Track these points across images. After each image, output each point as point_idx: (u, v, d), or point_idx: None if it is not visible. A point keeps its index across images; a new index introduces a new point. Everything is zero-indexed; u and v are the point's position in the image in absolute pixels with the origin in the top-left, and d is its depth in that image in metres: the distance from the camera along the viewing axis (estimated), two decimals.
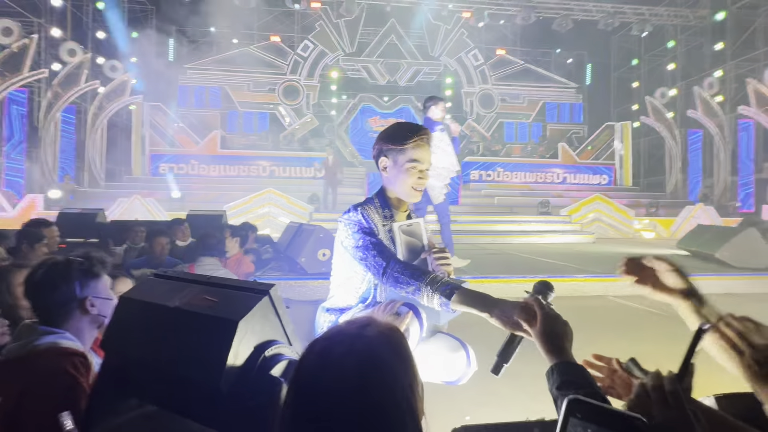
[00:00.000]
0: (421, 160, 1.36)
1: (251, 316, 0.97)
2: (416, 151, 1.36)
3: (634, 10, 15.12)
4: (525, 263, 5.16)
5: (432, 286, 1.13)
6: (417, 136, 1.36)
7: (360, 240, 1.31)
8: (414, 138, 1.35)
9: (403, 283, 1.18)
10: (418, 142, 1.36)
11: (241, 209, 9.37)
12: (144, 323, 1.06)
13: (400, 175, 1.37)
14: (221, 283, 1.10)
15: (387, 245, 1.34)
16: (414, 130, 1.38)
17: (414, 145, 1.35)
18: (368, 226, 1.33)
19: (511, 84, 17.23)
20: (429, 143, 1.39)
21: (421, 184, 1.39)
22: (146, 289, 1.16)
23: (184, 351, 0.96)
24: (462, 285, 1.12)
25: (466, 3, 15.20)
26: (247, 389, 0.93)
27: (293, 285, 3.71)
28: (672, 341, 2.76)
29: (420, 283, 1.15)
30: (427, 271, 1.18)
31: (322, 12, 15.45)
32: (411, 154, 1.35)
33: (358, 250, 1.30)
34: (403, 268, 1.21)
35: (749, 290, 4.31)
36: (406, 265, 1.23)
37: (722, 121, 13.12)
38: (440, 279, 1.14)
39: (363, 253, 1.29)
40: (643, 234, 10.52)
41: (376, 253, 1.26)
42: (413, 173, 1.36)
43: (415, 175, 1.36)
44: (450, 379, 1.25)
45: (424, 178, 1.39)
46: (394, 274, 1.21)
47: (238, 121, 15.99)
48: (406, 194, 1.40)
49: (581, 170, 14.71)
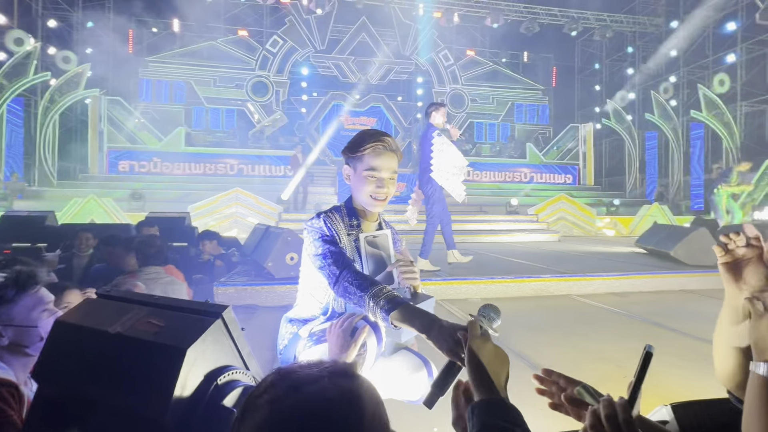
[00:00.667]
0: (378, 168, 1.29)
1: (201, 342, 0.90)
2: (373, 158, 1.29)
3: (596, 16, 15.75)
4: (494, 263, 5.24)
5: (375, 299, 1.07)
6: (372, 143, 1.29)
7: (320, 248, 1.26)
8: (368, 144, 1.28)
9: (351, 293, 1.13)
10: (375, 149, 1.29)
11: (206, 209, 9.04)
12: (82, 351, 0.97)
13: (358, 184, 1.32)
14: (170, 305, 1.02)
15: (351, 255, 1.30)
16: (371, 136, 1.31)
17: (370, 152, 1.29)
18: (329, 234, 1.28)
19: (481, 85, 17.55)
20: (391, 149, 1.32)
21: (382, 194, 1.31)
22: (86, 312, 1.06)
23: (126, 382, 0.88)
24: (407, 301, 1.06)
25: (436, 3, 15.31)
26: (197, 422, 0.86)
27: (260, 291, 3.59)
28: (629, 339, 2.87)
29: (364, 294, 1.09)
30: (376, 284, 1.11)
31: (291, 7, 15.14)
32: (368, 162, 1.29)
33: (317, 258, 1.25)
34: (354, 277, 1.15)
35: (702, 286, 4.56)
36: (358, 275, 1.16)
37: (676, 124, 13.89)
38: (385, 293, 1.07)
39: (321, 261, 1.24)
40: (605, 232, 10.98)
41: (332, 261, 1.21)
42: (371, 181, 1.29)
43: (373, 183, 1.29)
44: (412, 399, 1.22)
45: (384, 186, 1.31)
46: (344, 283, 1.16)
47: (204, 117, 15.45)
48: (366, 203, 1.33)
49: (547, 170, 15.18)
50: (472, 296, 4.05)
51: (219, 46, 15.47)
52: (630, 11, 16.30)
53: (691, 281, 4.51)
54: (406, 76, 17.55)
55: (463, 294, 4.04)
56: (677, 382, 2.14)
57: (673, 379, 2.19)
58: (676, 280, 4.49)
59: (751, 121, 13.26)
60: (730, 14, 13.28)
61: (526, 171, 15.04)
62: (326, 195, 11.32)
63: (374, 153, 1.29)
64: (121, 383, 0.90)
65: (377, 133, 1.32)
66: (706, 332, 2.93)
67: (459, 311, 3.57)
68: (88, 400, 0.95)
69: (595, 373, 2.23)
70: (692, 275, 4.54)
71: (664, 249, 5.26)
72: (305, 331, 1.32)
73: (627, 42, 16.86)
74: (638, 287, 4.39)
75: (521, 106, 18.04)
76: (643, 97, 16.26)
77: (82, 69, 12.02)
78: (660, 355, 2.72)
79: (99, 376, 0.94)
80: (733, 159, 12.15)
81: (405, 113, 17.51)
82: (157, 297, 1.07)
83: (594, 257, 5.97)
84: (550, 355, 2.53)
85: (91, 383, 0.94)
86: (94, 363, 0.95)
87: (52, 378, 1.01)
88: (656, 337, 2.94)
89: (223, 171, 12.96)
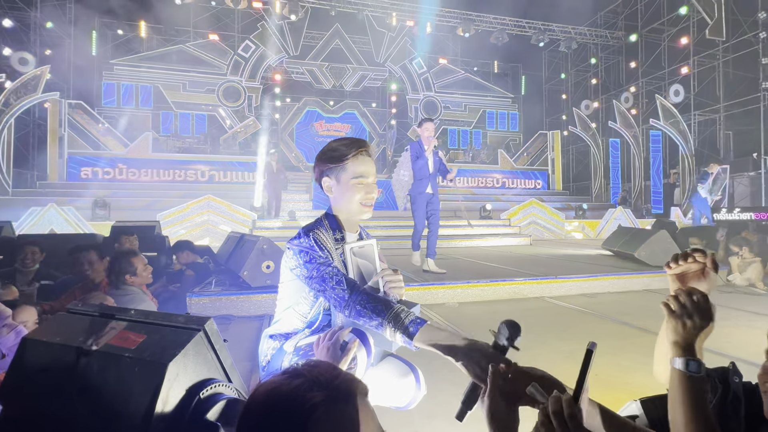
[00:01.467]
0: (365, 174, 1.30)
1: (183, 356, 0.88)
2: (359, 165, 1.29)
3: (561, 28, 16.45)
4: (469, 268, 5.34)
5: (395, 323, 1.06)
6: (356, 150, 1.29)
7: (314, 271, 1.21)
8: (353, 152, 1.29)
9: (366, 317, 1.12)
10: (359, 156, 1.29)
11: (177, 217, 8.75)
12: (53, 369, 0.92)
13: (346, 193, 1.30)
14: (149, 319, 0.99)
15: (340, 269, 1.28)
16: (353, 144, 1.30)
17: (354, 159, 1.29)
18: (322, 254, 1.24)
19: (453, 92, 17.92)
20: (371, 155, 1.33)
21: (370, 199, 1.32)
22: (57, 328, 1.01)
23: (103, 401, 0.85)
24: (426, 322, 1.05)
25: (409, 12, 15.56)
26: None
27: (235, 300, 3.51)
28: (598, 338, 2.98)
29: (383, 319, 1.08)
30: (390, 305, 1.11)
31: (264, 12, 15.00)
32: (354, 170, 1.28)
33: (313, 281, 1.21)
34: (366, 300, 1.14)
35: (663, 286, 4.81)
36: (369, 297, 1.15)
37: (637, 131, 14.64)
38: (404, 316, 1.07)
39: (320, 285, 1.20)
40: (574, 235, 11.39)
41: (335, 284, 1.18)
42: (359, 188, 1.29)
43: (362, 189, 1.29)
44: (400, 405, 1.22)
45: (372, 192, 1.32)
46: (356, 307, 1.14)
47: (173, 122, 14.99)
48: (356, 211, 1.32)
49: (518, 175, 15.64)
50: (449, 300, 4.11)
51: (189, 50, 15.11)
52: (592, 24, 17.12)
53: (654, 281, 4.75)
54: (380, 83, 17.70)
55: (440, 299, 4.10)
56: (644, 377, 2.25)
57: (640, 375, 2.30)
58: (641, 280, 4.72)
59: (704, 129, 14.15)
60: (683, 29, 14.18)
61: (498, 176, 15.44)
62: (301, 202, 11.20)
63: (359, 160, 1.29)
64: (98, 402, 0.86)
65: (357, 141, 1.32)
66: None
67: (436, 316, 3.61)
68: (60, 421, 0.90)
69: (567, 372, 2.29)
70: (655, 275, 4.78)
71: (628, 251, 5.52)
72: (290, 345, 1.28)
73: (590, 53, 17.68)
74: (606, 288, 4.58)
75: (492, 114, 18.53)
76: (606, 106, 17.06)
77: (40, 71, 11.44)
78: (628, 352, 2.84)
79: (73, 396, 0.90)
80: (689, 165, 12.91)
81: (379, 120, 17.62)
82: (134, 310, 1.04)
83: (564, 260, 6.18)
84: (523, 356, 2.59)
85: (63, 403, 0.90)
86: (67, 382, 0.91)
87: (19, 399, 0.95)
88: (624, 336, 3.08)
89: (194, 178, 12.61)
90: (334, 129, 17.07)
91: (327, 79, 16.56)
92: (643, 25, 15.35)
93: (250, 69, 15.39)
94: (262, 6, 14.50)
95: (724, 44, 12.89)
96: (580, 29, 16.73)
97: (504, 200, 13.56)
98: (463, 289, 4.17)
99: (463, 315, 3.67)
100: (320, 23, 15.79)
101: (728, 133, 13.53)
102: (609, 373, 2.28)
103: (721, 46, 13.01)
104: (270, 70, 15.95)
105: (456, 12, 15.66)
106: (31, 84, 11.48)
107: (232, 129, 14.94)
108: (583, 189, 17.23)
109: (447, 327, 1.02)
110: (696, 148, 13.31)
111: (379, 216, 9.77)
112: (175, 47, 15.12)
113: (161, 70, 14.88)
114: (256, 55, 15.38)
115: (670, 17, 14.56)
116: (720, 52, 13.15)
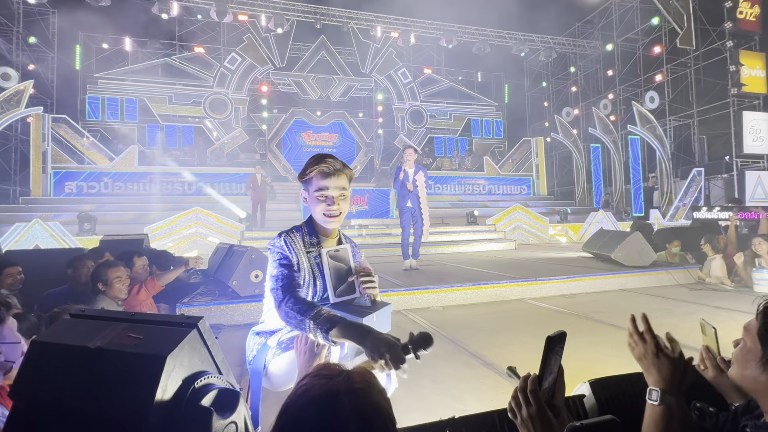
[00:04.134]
0: (326, 187, 1.39)
1: (179, 350, 1.00)
2: (320, 179, 1.39)
3: (540, 38, 16.97)
4: (454, 272, 5.49)
5: (315, 321, 1.18)
6: (316, 165, 1.40)
7: (275, 269, 1.37)
8: (313, 167, 1.40)
9: (292, 317, 1.24)
10: (320, 171, 1.39)
11: (165, 230, 8.75)
12: (61, 368, 1.03)
13: (312, 205, 1.44)
14: (147, 319, 1.11)
15: (310, 272, 1.42)
16: (316, 160, 1.41)
17: (316, 174, 1.40)
18: (287, 254, 1.39)
19: (439, 101, 18.27)
20: (336, 169, 1.40)
21: (333, 211, 1.41)
22: (62, 331, 1.12)
23: (107, 392, 0.96)
24: (343, 319, 1.18)
25: (393, 24, 15.89)
26: (177, 421, 0.96)
27: (225, 310, 3.59)
28: (574, 335, 3.15)
29: (305, 317, 1.20)
30: (313, 307, 1.23)
31: (250, 25, 15.18)
32: (316, 183, 1.40)
33: (271, 279, 1.37)
34: (295, 303, 1.25)
35: (639, 285, 5.03)
36: (299, 301, 1.26)
37: (616, 137, 15.11)
38: (323, 314, 1.19)
39: (273, 283, 1.35)
40: (558, 239, 11.66)
41: (281, 285, 1.32)
42: (321, 201, 1.39)
43: (324, 202, 1.39)
44: None
45: (335, 204, 1.40)
46: (285, 308, 1.26)
47: (159, 135, 14.97)
48: (321, 221, 1.45)
49: (504, 181, 15.96)
50: (433, 304, 4.24)
51: (174, 63, 15.17)
52: (570, 35, 17.71)
53: (628, 281, 4.96)
54: (366, 93, 17.95)
55: (424, 303, 4.23)
56: (612, 369, 2.41)
57: (609, 366, 2.46)
58: (616, 280, 4.92)
59: (679, 134, 14.68)
60: (656, 39, 14.77)
61: (484, 183, 15.74)
62: (289, 212, 11.28)
63: (320, 174, 1.40)
64: (103, 393, 0.97)
65: (321, 156, 1.43)
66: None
67: (421, 320, 3.74)
68: (68, 413, 1.01)
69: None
70: (629, 275, 5.00)
71: (606, 252, 5.74)
72: (273, 340, 1.42)
73: (569, 62, 18.23)
74: (584, 288, 4.77)
75: (477, 121, 18.91)
76: (586, 113, 17.56)
77: (23, 86, 11.37)
78: (599, 345, 3.01)
79: (80, 390, 1.00)
80: (666, 168, 13.36)
81: (366, 129, 17.84)
82: (132, 313, 1.15)
83: (546, 263, 6.38)
84: (501, 354, 2.75)
85: (71, 397, 1.01)
86: (75, 377, 1.01)
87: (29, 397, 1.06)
88: (597, 332, 3.25)
89: (181, 190, 12.59)
90: (322, 139, 17.23)
91: (314, 90, 16.75)
92: (618, 35, 15.94)
93: (237, 81, 15.50)
94: (247, 19, 14.67)
95: (694, 53, 13.46)
96: (558, 39, 17.28)
97: (491, 206, 13.83)
98: (447, 293, 4.31)
99: (447, 318, 3.80)
100: (306, 35, 16.03)
101: (702, 137, 14.06)
102: (579, 365, 2.43)
103: (692, 55, 13.58)
104: (256, 82, 16.08)
105: (438, 23, 16.05)
106: (14, 99, 11.39)
107: (219, 141, 14.99)
108: (567, 193, 17.63)
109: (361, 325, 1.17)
110: (672, 152, 13.79)
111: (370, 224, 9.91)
112: (161, 60, 15.17)
113: (147, 83, 14.89)
114: (243, 67, 15.51)
115: (643, 27, 15.16)
116: (691, 60, 13.73)
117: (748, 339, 0.92)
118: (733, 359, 0.96)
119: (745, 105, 12.32)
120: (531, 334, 3.19)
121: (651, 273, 5.09)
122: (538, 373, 0.88)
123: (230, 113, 15.38)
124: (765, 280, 4.42)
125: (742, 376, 0.93)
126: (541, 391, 0.85)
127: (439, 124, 18.31)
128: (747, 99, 12.32)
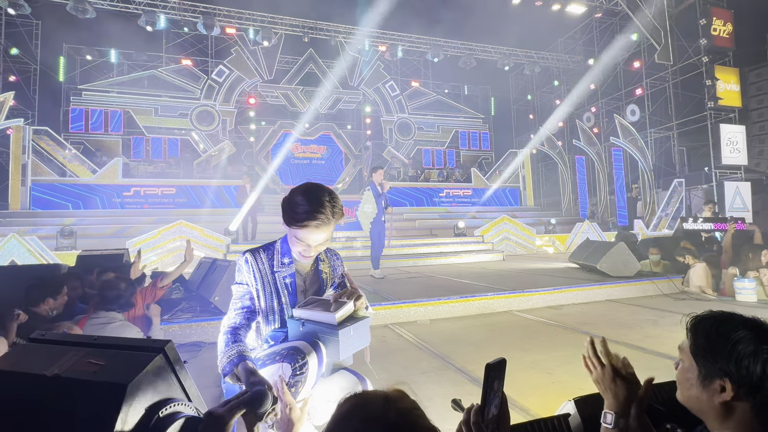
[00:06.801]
0: (303, 240, 1.35)
1: (143, 377, 0.94)
2: (300, 231, 1.33)
3: (524, 53, 17.37)
4: (442, 285, 5.46)
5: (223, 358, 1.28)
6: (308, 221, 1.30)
7: (235, 291, 1.43)
8: (303, 223, 1.31)
9: (219, 342, 1.35)
10: (302, 226, 1.32)
11: (148, 244, 8.56)
12: (14, 398, 0.96)
13: (290, 240, 1.41)
14: (110, 344, 1.05)
15: (272, 292, 1.41)
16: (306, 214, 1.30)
17: (298, 228, 1.33)
18: (243, 276, 1.41)
19: (426, 113, 18.46)
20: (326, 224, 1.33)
21: (308, 253, 1.38)
22: (19, 358, 1.05)
23: (63, 425, 0.90)
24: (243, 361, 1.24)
25: (381, 38, 16.10)
26: None
27: (206, 327, 3.49)
28: (561, 348, 3.13)
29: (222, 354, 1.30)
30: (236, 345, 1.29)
31: (238, 38, 15.21)
32: (295, 233, 1.36)
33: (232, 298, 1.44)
34: (227, 333, 1.34)
35: (624, 295, 5.06)
36: (231, 335, 1.33)
37: (600, 149, 15.42)
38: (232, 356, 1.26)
39: (231, 302, 1.43)
40: (546, 249, 11.75)
41: (232, 309, 1.41)
42: (299, 245, 1.37)
43: (301, 246, 1.37)
44: None
45: (309, 251, 1.37)
46: (220, 335, 1.35)
47: (144, 147, 14.77)
48: (296, 255, 1.42)
49: (491, 193, 16.10)
50: (421, 318, 4.19)
51: (161, 75, 15.07)
52: (553, 49, 18.17)
53: (614, 291, 4.99)
54: (354, 106, 18.05)
55: (412, 317, 4.18)
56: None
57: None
58: (602, 291, 4.95)
59: (660, 146, 15.05)
60: (635, 54, 15.23)
61: (472, 194, 15.85)
62: (277, 224, 11.14)
63: (302, 229, 1.32)
64: (59, 426, 0.91)
65: (313, 209, 1.30)
66: (623, 336, 3.26)
67: (408, 334, 3.68)
68: None
69: (527, 381, 2.42)
70: (615, 286, 5.03)
71: (591, 263, 5.78)
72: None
73: (553, 76, 18.66)
74: (571, 299, 4.78)
75: (465, 134, 19.13)
76: (570, 125, 17.92)
77: (3, 98, 11.15)
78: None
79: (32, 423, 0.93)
80: (648, 179, 13.64)
81: (355, 141, 17.89)
82: (96, 337, 1.09)
83: (533, 274, 6.40)
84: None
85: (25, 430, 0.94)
86: (28, 409, 0.94)
87: None
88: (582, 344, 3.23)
89: (165, 203, 12.39)
90: (310, 151, 17.21)
91: (302, 102, 16.78)
92: (599, 50, 16.40)
93: (224, 93, 15.45)
94: (235, 32, 14.71)
95: (672, 67, 13.90)
96: (542, 54, 17.70)
97: (479, 217, 13.90)
98: (434, 306, 4.27)
99: (434, 332, 3.76)
100: (294, 48, 16.11)
101: (682, 149, 14.44)
102: (566, 379, 2.41)
103: (670, 69, 14.01)
104: (244, 94, 16.05)
105: (425, 38, 16.32)
106: None
107: (205, 153, 14.85)
108: (554, 204, 17.86)
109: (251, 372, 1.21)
110: (654, 164, 14.11)
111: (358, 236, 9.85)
112: (147, 72, 15.06)
113: (132, 95, 14.74)
114: (230, 79, 15.49)
115: (623, 42, 15.61)
116: (669, 74, 14.16)
117: (685, 359, 0.93)
118: (677, 382, 0.96)
119: (721, 118, 12.71)
120: (518, 347, 3.16)
121: (636, 283, 5.13)
122: (480, 404, 0.86)
123: (217, 125, 15.28)
124: (746, 290, 4.48)
125: (687, 397, 0.93)
126: (485, 421, 0.84)
127: (427, 136, 18.47)
128: (723, 112, 12.72)
